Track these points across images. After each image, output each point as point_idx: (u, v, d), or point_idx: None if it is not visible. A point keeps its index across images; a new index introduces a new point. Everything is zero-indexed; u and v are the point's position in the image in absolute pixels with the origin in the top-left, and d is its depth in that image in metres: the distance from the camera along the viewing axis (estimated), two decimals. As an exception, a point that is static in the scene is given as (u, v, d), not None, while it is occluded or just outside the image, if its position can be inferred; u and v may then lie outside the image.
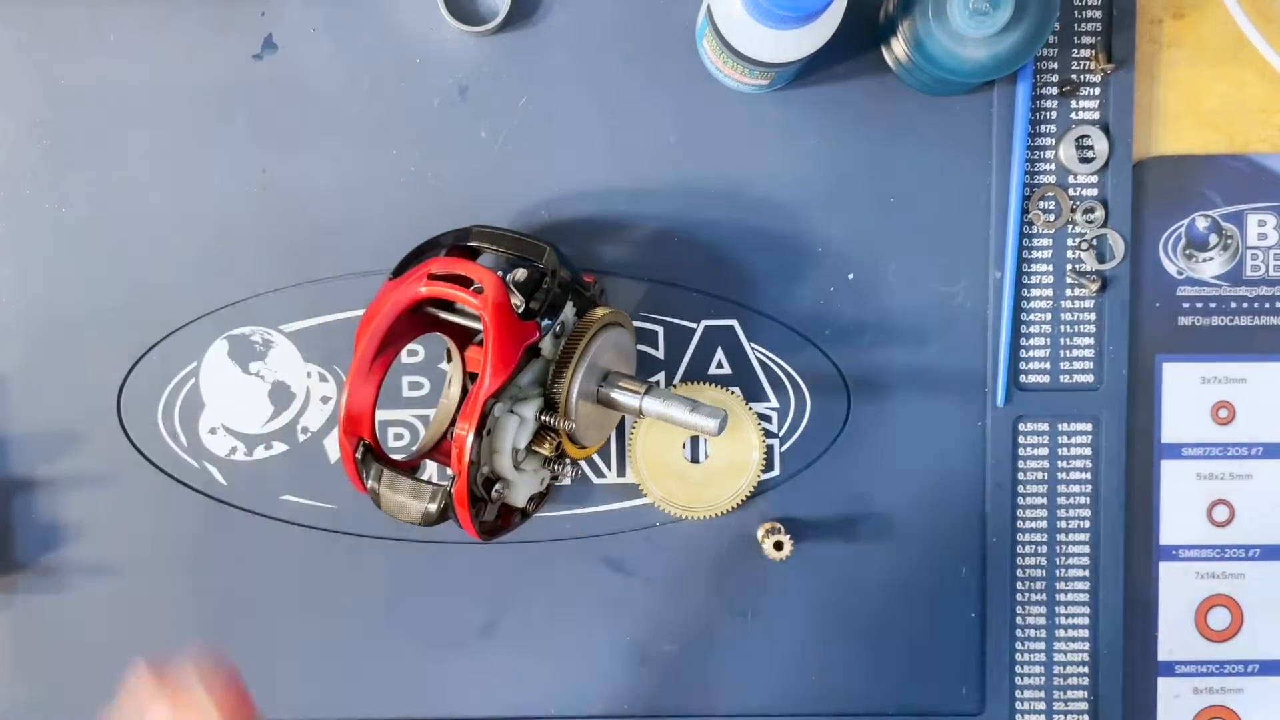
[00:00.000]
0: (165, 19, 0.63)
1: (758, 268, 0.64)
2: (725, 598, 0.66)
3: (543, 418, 0.57)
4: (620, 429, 0.65)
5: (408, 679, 0.66)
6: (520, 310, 0.56)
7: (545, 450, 0.57)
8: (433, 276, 0.57)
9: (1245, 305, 0.65)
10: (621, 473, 0.65)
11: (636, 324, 0.64)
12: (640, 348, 0.65)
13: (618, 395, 0.58)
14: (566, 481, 0.64)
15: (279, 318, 0.64)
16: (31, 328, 0.64)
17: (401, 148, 0.64)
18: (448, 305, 0.59)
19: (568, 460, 0.58)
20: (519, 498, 0.58)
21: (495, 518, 0.58)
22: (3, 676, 0.65)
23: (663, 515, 0.65)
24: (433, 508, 0.56)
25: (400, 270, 0.58)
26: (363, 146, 0.64)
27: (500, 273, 0.56)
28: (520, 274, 0.57)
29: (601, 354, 0.58)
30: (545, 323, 0.57)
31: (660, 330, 0.65)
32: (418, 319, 0.59)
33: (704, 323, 0.65)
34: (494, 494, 0.56)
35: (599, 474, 0.65)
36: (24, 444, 0.64)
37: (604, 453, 0.65)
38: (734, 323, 0.65)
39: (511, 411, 0.56)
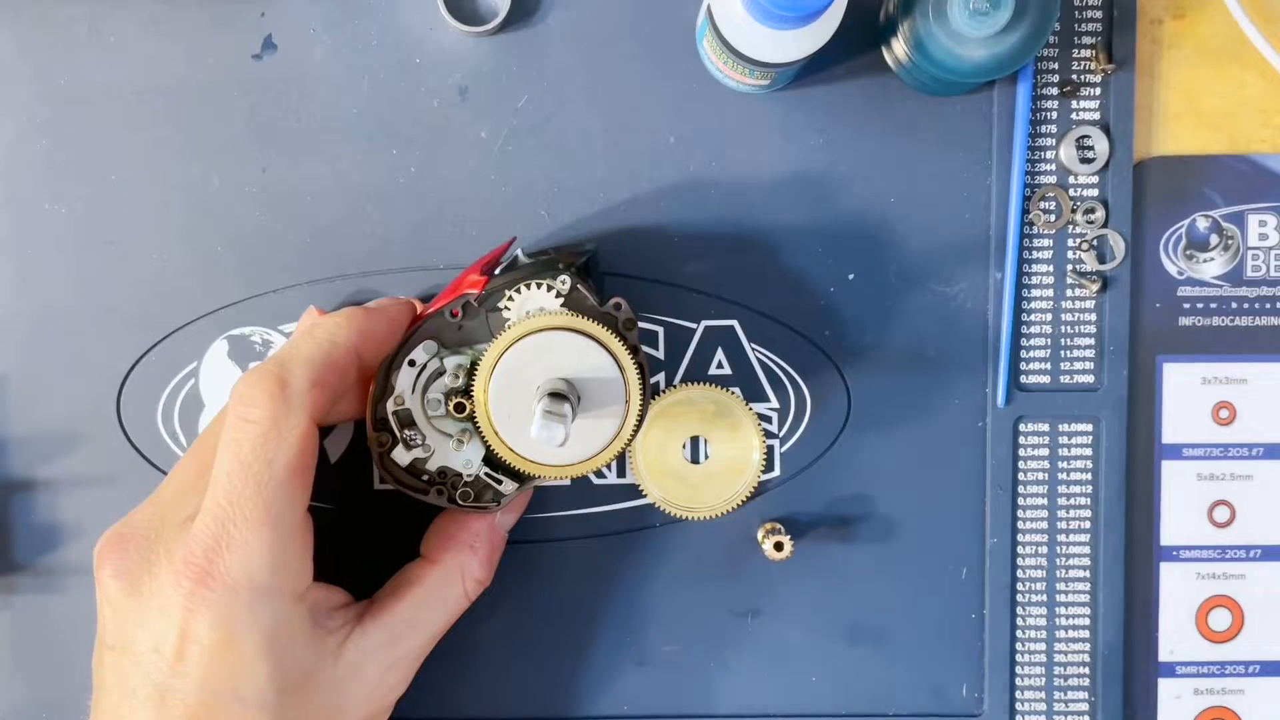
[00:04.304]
0: (165, 19, 0.63)
1: (758, 268, 0.64)
2: (725, 598, 0.66)
3: (460, 376, 0.55)
4: (620, 429, 0.65)
5: (407, 679, 0.66)
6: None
7: (452, 407, 0.55)
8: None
9: (1246, 306, 0.65)
10: (621, 473, 0.65)
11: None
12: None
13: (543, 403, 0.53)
14: (470, 472, 0.56)
15: (279, 318, 0.64)
16: (31, 328, 0.64)
17: (401, 148, 0.64)
18: None
19: (479, 437, 0.55)
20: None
21: (407, 469, 0.55)
22: (3, 676, 0.65)
23: (663, 515, 0.65)
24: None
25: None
26: (363, 146, 0.64)
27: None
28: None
29: (551, 354, 0.54)
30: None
31: (660, 330, 0.65)
32: None
33: (704, 323, 0.65)
34: (407, 437, 0.54)
35: (599, 474, 0.65)
36: (24, 444, 0.64)
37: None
38: (734, 323, 0.65)
39: (439, 356, 0.55)
